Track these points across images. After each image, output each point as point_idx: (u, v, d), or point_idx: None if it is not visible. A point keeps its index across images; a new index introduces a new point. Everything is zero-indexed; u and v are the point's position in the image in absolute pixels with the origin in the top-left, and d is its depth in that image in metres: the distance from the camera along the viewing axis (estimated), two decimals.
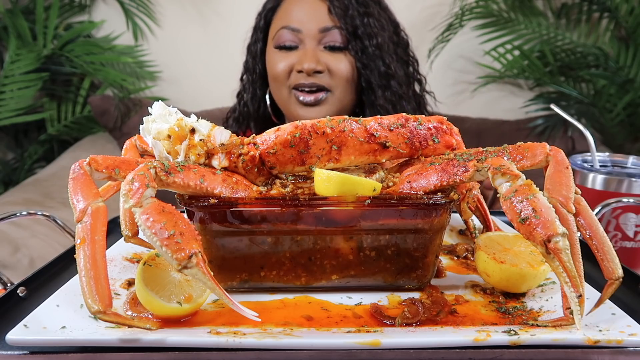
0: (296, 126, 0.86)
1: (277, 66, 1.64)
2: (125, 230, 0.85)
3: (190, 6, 3.36)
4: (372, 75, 1.65)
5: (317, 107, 1.64)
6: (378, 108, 1.67)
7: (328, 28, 1.62)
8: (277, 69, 1.64)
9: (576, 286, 0.68)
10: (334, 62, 1.62)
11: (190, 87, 3.47)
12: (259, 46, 1.76)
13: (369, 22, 1.63)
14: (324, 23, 1.62)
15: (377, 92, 1.66)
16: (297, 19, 1.63)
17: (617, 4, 3.17)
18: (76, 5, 3.39)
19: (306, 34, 1.62)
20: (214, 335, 0.68)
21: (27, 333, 0.67)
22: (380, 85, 1.66)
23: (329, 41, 1.62)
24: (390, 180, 0.89)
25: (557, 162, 0.79)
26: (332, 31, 1.62)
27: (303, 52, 1.62)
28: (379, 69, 1.65)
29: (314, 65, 1.59)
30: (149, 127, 0.86)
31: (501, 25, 3.31)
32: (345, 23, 1.61)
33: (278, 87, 1.67)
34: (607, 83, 3.22)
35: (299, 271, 0.86)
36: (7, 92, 3.19)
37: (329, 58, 1.62)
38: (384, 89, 1.66)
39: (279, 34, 1.65)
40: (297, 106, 1.65)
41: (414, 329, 0.74)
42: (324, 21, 1.62)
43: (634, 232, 1.21)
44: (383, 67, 1.65)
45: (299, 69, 1.60)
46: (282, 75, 1.64)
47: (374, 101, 1.67)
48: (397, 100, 1.69)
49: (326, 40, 1.62)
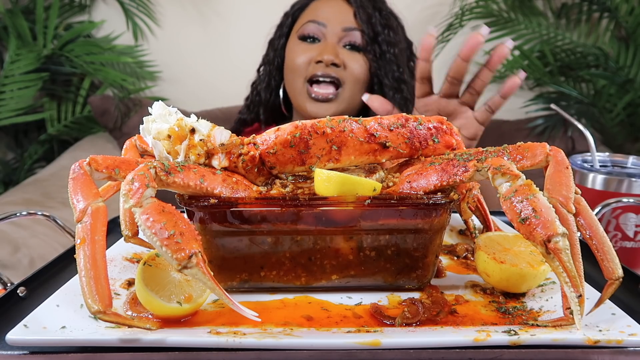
0: (296, 126, 0.86)
1: (298, 57, 1.74)
2: (125, 230, 0.85)
3: (190, 6, 3.36)
4: (386, 77, 1.74)
5: (326, 104, 1.72)
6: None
7: (351, 28, 1.72)
8: (297, 60, 1.74)
9: (576, 286, 0.68)
10: (351, 60, 1.72)
11: (190, 87, 3.47)
12: (282, 41, 1.85)
13: (388, 33, 1.74)
14: (348, 23, 1.73)
15: (389, 94, 1.75)
16: (324, 15, 1.74)
17: (617, 4, 3.17)
18: (76, 5, 3.39)
19: (330, 30, 1.72)
20: (214, 335, 0.68)
21: (27, 333, 0.67)
22: (392, 88, 1.75)
23: (350, 40, 1.73)
24: (390, 180, 0.89)
25: (557, 162, 0.79)
26: (354, 32, 1.72)
27: (324, 46, 1.71)
28: (393, 73, 1.76)
29: (332, 57, 1.68)
30: (149, 127, 0.86)
31: (501, 25, 3.31)
32: (368, 28, 1.72)
33: (294, 78, 1.75)
34: (607, 83, 3.22)
35: (299, 271, 0.86)
36: (7, 92, 3.19)
37: (346, 55, 1.72)
38: (395, 92, 1.76)
39: (304, 26, 1.75)
40: (307, 100, 1.73)
41: (414, 329, 0.74)
42: (349, 22, 1.73)
43: (634, 232, 1.21)
44: (397, 72, 1.76)
45: (318, 59, 1.68)
46: (301, 66, 1.73)
47: None
48: (405, 105, 1.76)
49: (347, 40, 1.73)
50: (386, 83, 1.75)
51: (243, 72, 2.19)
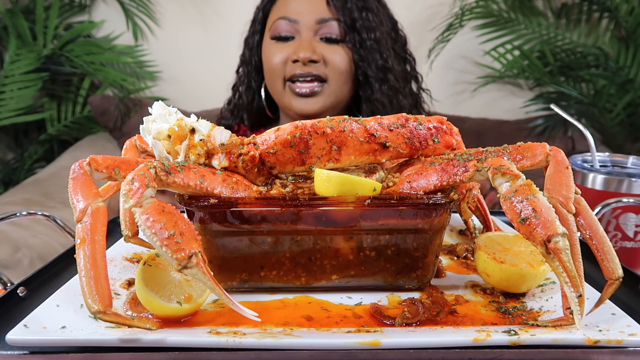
0: (296, 126, 0.86)
1: (273, 57, 1.63)
2: (125, 230, 0.85)
3: (190, 6, 3.36)
4: (370, 68, 1.63)
5: (312, 98, 1.62)
6: (375, 102, 1.65)
7: (325, 19, 1.60)
8: (273, 61, 1.63)
9: (576, 286, 0.68)
10: (330, 54, 1.60)
11: (190, 87, 3.47)
12: (256, 38, 1.75)
13: (367, 16, 1.62)
14: (322, 14, 1.61)
15: (374, 85, 1.64)
16: (294, 10, 1.62)
17: (617, 4, 3.17)
18: (76, 5, 3.39)
19: (303, 25, 1.60)
20: (214, 335, 0.68)
21: (27, 333, 0.67)
22: (377, 79, 1.64)
23: (326, 33, 1.61)
24: (390, 180, 0.89)
25: (557, 162, 0.79)
26: (329, 23, 1.60)
27: (299, 42, 1.60)
28: (377, 62, 1.63)
29: (309, 55, 1.57)
30: (149, 127, 0.86)
31: (501, 25, 3.31)
32: (344, 15, 1.60)
33: (273, 79, 1.66)
34: (607, 83, 3.22)
35: (299, 271, 0.86)
36: (7, 92, 3.19)
37: (325, 49, 1.60)
38: (381, 82, 1.65)
39: (275, 25, 1.64)
40: (292, 98, 1.63)
41: (414, 329, 0.74)
42: (322, 12, 1.61)
43: (634, 232, 1.21)
44: (380, 60, 1.64)
45: (294, 58, 1.59)
46: (277, 67, 1.63)
47: (371, 95, 1.65)
48: (394, 94, 1.67)
49: (323, 32, 1.61)
50: (370, 74, 1.63)
51: None
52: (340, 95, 1.66)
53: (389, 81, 1.66)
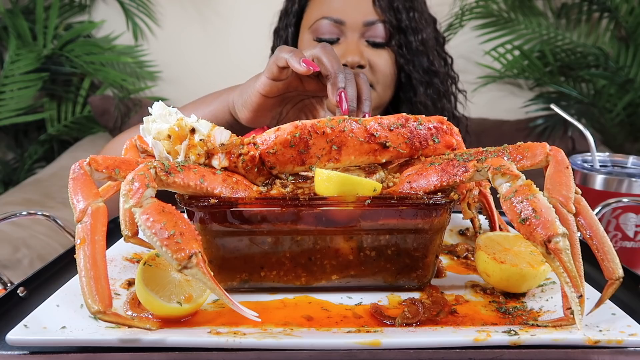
0: (296, 126, 0.86)
1: None
2: (125, 230, 0.85)
3: (190, 6, 3.36)
4: (415, 72, 1.57)
5: None
6: (418, 105, 1.60)
7: (372, 22, 1.52)
8: None
9: (576, 286, 0.68)
10: (376, 58, 1.54)
11: (190, 87, 3.46)
12: (290, 31, 1.64)
13: (414, 17, 1.55)
14: (369, 16, 1.52)
15: (419, 89, 1.59)
16: (339, 9, 1.51)
17: (617, 4, 3.17)
18: (76, 5, 3.39)
19: (349, 27, 1.51)
20: (214, 335, 0.68)
21: (27, 333, 0.67)
22: (422, 82, 1.58)
23: (372, 36, 1.53)
24: (390, 181, 0.89)
25: (557, 162, 0.79)
26: (376, 25, 1.52)
27: (345, 45, 1.52)
28: (423, 65, 1.57)
29: (357, 59, 1.49)
30: (149, 127, 0.86)
31: (501, 25, 3.31)
32: (390, 17, 1.52)
33: None
34: (607, 83, 3.22)
35: (299, 271, 0.85)
36: (7, 92, 3.19)
37: (371, 53, 1.54)
38: (426, 86, 1.59)
39: (318, 24, 1.54)
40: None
41: (414, 329, 0.74)
42: (369, 14, 1.52)
43: (634, 232, 1.21)
44: (427, 63, 1.58)
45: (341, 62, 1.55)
46: None
47: (412, 98, 1.60)
48: (438, 98, 1.62)
49: (369, 35, 1.53)
50: (416, 77, 1.56)
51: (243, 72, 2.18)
52: (384, 99, 1.61)
53: (434, 84, 1.61)
